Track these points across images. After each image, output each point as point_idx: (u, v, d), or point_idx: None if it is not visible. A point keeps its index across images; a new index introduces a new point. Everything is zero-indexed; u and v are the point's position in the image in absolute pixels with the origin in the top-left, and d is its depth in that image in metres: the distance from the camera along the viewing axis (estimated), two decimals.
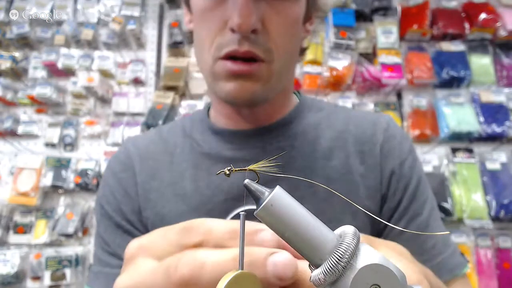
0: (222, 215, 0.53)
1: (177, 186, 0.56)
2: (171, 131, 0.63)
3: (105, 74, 1.67)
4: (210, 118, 0.62)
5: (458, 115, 1.53)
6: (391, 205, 0.56)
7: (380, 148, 0.57)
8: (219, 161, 0.56)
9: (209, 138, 0.59)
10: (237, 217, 0.51)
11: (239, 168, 0.24)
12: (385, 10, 1.68)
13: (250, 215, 0.21)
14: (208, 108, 0.64)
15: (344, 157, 0.56)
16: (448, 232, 0.29)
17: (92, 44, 1.70)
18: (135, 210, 0.57)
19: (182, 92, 1.66)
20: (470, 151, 1.55)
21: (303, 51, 0.62)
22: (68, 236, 1.50)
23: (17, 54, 1.71)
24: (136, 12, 1.69)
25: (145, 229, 0.56)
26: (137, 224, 0.56)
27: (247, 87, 0.48)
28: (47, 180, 1.54)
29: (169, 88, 1.61)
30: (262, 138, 0.57)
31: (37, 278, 1.50)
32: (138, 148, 0.61)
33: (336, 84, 1.60)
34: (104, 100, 1.68)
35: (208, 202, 0.54)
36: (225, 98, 0.50)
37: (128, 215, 0.56)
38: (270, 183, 0.54)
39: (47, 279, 1.47)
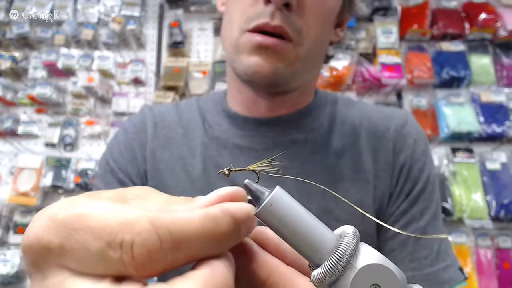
0: None
1: (187, 161, 0.55)
2: (187, 107, 0.62)
3: (105, 74, 1.67)
4: (227, 100, 0.60)
5: (458, 115, 1.53)
6: (392, 208, 0.54)
7: (393, 145, 0.55)
8: (227, 147, 0.55)
9: (221, 121, 0.58)
10: None
11: (239, 168, 0.24)
12: (385, 10, 1.68)
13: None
14: (226, 91, 0.63)
15: (357, 154, 0.55)
16: (446, 236, 0.29)
17: (92, 44, 1.70)
18: (140, 174, 0.55)
19: (182, 92, 1.66)
20: (470, 151, 1.55)
21: (328, 58, 0.60)
22: None
23: (17, 54, 1.71)
24: (136, 12, 1.69)
25: None
26: None
27: (270, 63, 0.46)
28: (47, 180, 1.54)
29: (169, 88, 1.61)
30: (275, 128, 0.55)
31: None
32: (154, 115, 0.60)
33: (336, 84, 1.60)
34: (104, 100, 1.68)
35: (214, 186, 0.52)
36: (245, 73, 0.48)
37: (133, 178, 0.55)
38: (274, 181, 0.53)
39: None
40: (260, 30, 0.45)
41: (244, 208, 0.19)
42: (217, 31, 1.68)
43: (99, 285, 0.15)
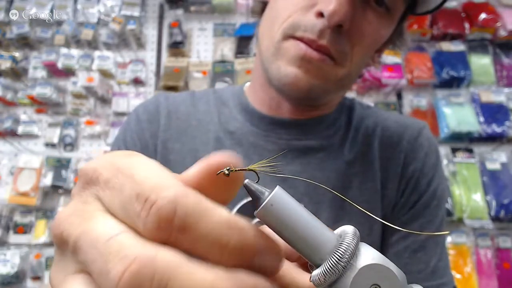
0: (237, 200, 0.51)
1: (199, 154, 0.54)
2: (204, 98, 0.60)
3: (105, 74, 1.67)
4: (246, 94, 0.59)
5: (458, 115, 1.53)
6: (394, 218, 0.53)
7: (404, 157, 0.55)
8: (241, 144, 0.54)
9: (238, 115, 0.56)
10: (242, 209, 0.51)
11: (239, 169, 0.24)
12: None
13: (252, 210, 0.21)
14: (244, 85, 0.61)
15: (368, 163, 0.54)
16: (447, 232, 0.29)
17: (92, 44, 1.70)
18: None
19: None
20: (470, 151, 1.55)
21: (359, 76, 0.59)
22: None
23: (17, 54, 1.71)
24: (136, 12, 1.69)
25: None
26: None
27: (308, 78, 0.44)
28: (47, 180, 1.54)
29: (169, 88, 1.61)
30: (292, 131, 0.54)
31: (37, 278, 1.50)
32: (169, 104, 0.59)
33: None
34: (104, 100, 1.68)
35: None
36: (279, 81, 0.46)
37: None
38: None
39: (47, 279, 1.46)
40: (303, 41, 0.44)
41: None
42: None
43: (118, 226, 0.17)
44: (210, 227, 0.16)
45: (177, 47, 1.67)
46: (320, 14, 0.42)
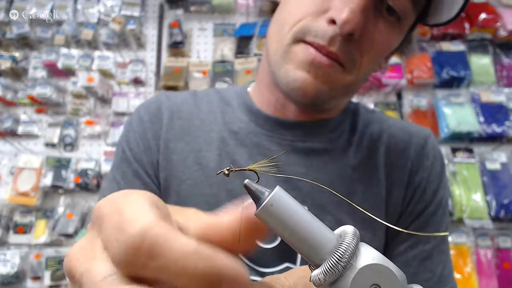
0: (240, 198, 0.51)
1: (201, 154, 0.54)
2: (206, 98, 0.60)
3: (105, 74, 1.67)
4: (251, 94, 0.58)
5: (458, 115, 1.53)
6: (401, 226, 0.53)
7: (411, 165, 0.55)
8: (245, 144, 0.54)
9: (242, 116, 0.56)
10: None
11: (239, 168, 0.24)
12: None
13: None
14: (247, 86, 0.61)
15: (373, 169, 0.54)
16: (447, 233, 0.29)
17: (92, 44, 1.70)
18: (154, 164, 0.54)
19: None
20: (470, 151, 1.55)
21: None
22: (68, 236, 1.49)
23: (17, 54, 1.71)
24: (136, 12, 1.69)
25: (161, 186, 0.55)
26: (154, 178, 0.54)
27: (316, 83, 0.44)
28: (47, 180, 1.54)
29: (169, 88, 1.61)
30: (296, 132, 0.54)
31: (37, 278, 1.50)
32: (171, 104, 0.58)
33: None
34: (104, 100, 1.68)
35: (228, 181, 0.51)
36: (287, 85, 0.46)
37: (147, 168, 0.54)
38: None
39: (47, 279, 1.47)
40: (313, 46, 0.44)
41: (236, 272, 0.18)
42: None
43: (111, 266, 0.18)
44: (177, 253, 0.17)
45: (177, 47, 1.67)
46: (332, 21, 0.42)
